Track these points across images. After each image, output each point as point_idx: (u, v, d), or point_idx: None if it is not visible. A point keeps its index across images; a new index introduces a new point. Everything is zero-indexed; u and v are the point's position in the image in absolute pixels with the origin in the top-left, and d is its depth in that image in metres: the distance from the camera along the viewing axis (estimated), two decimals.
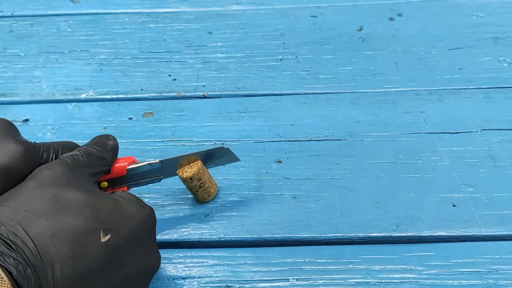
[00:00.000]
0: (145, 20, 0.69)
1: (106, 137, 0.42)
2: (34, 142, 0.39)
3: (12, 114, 0.57)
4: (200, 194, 0.47)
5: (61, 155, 0.39)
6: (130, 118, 0.56)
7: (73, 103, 0.58)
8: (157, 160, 0.44)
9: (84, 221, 0.34)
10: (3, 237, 0.31)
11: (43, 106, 0.58)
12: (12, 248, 0.31)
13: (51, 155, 0.39)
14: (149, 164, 0.44)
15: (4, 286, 0.30)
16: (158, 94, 0.59)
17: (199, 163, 0.45)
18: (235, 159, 0.46)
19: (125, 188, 0.44)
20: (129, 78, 0.61)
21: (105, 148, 0.41)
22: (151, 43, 0.65)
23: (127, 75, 0.61)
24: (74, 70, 0.62)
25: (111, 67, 0.62)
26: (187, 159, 0.45)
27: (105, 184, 0.43)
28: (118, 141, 0.44)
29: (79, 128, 0.55)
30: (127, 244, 0.36)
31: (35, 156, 0.38)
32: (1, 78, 0.62)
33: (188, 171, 0.45)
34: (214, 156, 0.46)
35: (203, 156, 0.45)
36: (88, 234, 0.34)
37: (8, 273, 0.30)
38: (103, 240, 0.34)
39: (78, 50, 0.65)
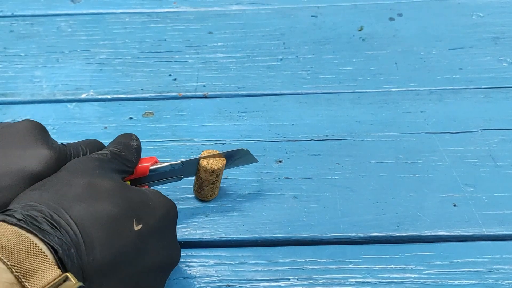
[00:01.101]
0: (146, 20, 0.69)
1: (130, 137, 0.43)
2: (63, 144, 0.39)
3: (13, 114, 0.57)
4: (206, 191, 0.47)
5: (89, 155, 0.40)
6: (131, 118, 0.57)
7: (74, 103, 0.58)
8: (178, 161, 0.45)
9: (120, 209, 0.34)
10: (46, 217, 0.31)
11: (44, 106, 0.58)
12: (56, 228, 0.31)
13: (80, 156, 0.40)
14: (171, 164, 0.44)
15: (48, 264, 0.30)
16: (159, 94, 0.59)
17: (224, 161, 0.45)
18: (253, 160, 0.47)
19: (146, 186, 0.44)
20: (129, 78, 0.61)
21: (130, 150, 0.41)
22: (152, 43, 0.65)
23: (127, 75, 0.61)
24: (74, 70, 0.62)
25: (111, 67, 0.62)
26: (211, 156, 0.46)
27: (128, 183, 0.43)
28: None
29: (80, 128, 0.55)
30: (154, 235, 0.36)
31: (67, 160, 0.38)
32: (2, 78, 0.62)
33: (213, 163, 0.45)
34: (234, 157, 0.46)
35: (224, 156, 0.46)
36: (123, 221, 0.34)
37: (54, 251, 0.30)
38: (136, 228, 0.35)
39: (78, 50, 0.65)
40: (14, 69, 0.63)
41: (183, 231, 0.46)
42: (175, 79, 0.61)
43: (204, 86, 0.60)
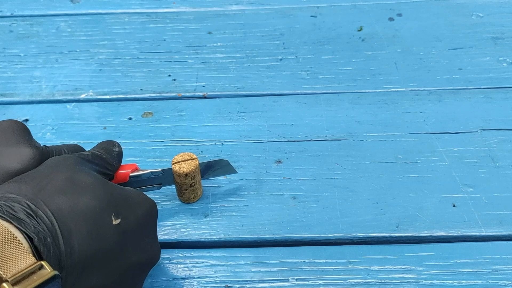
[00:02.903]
0: (145, 20, 0.69)
1: (112, 143, 0.43)
2: (45, 146, 0.39)
3: (12, 114, 0.57)
4: (187, 194, 0.47)
5: None
6: (130, 118, 0.56)
7: (73, 103, 0.58)
8: (159, 169, 0.45)
9: (99, 202, 0.34)
10: (23, 207, 0.32)
11: (43, 106, 0.58)
12: (33, 217, 0.31)
13: None
14: (151, 172, 0.45)
15: (23, 252, 0.30)
16: (158, 94, 0.59)
17: (196, 162, 0.46)
18: (232, 171, 0.48)
19: None
20: (128, 78, 0.61)
21: (112, 154, 0.42)
22: (151, 43, 0.65)
23: (126, 75, 0.61)
24: (73, 70, 0.62)
25: (111, 67, 0.62)
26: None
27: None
28: (118, 141, 0.44)
29: (79, 128, 0.55)
30: (133, 231, 0.36)
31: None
32: (1, 78, 0.62)
33: (185, 166, 0.45)
34: (213, 168, 0.47)
35: (203, 167, 0.47)
36: (102, 214, 0.34)
37: (30, 240, 0.30)
38: (114, 222, 0.35)
39: (78, 50, 0.65)
40: (14, 69, 0.63)
41: (182, 232, 0.46)
42: (174, 79, 0.61)
43: (203, 86, 0.60)
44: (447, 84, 0.59)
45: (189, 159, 0.46)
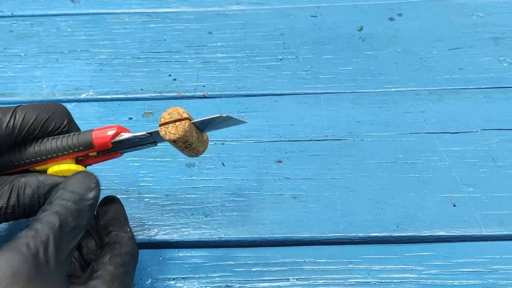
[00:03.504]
0: (145, 20, 0.69)
1: (87, 185, 0.36)
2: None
3: None
4: (186, 153, 0.42)
5: (24, 195, 0.37)
6: (130, 118, 0.57)
7: (73, 103, 0.58)
8: (144, 132, 0.41)
9: None
10: None
11: None
12: None
13: (8, 191, 0.37)
14: (136, 136, 0.40)
15: None
16: (158, 94, 0.59)
17: (186, 124, 0.38)
18: (239, 122, 0.40)
19: (119, 154, 0.42)
20: (129, 78, 0.61)
21: (82, 206, 0.35)
22: (151, 43, 0.65)
23: (127, 75, 0.61)
24: (74, 70, 0.62)
25: (111, 67, 0.62)
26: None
27: (93, 153, 0.41)
28: None
29: (80, 128, 0.55)
30: None
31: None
32: (1, 78, 0.62)
33: (172, 132, 0.38)
34: (211, 124, 0.41)
35: (197, 125, 0.40)
36: None
37: None
38: None
39: (78, 50, 0.65)
40: (14, 69, 0.63)
41: (183, 231, 0.46)
42: (174, 79, 0.61)
43: (203, 86, 0.60)
44: (448, 84, 0.59)
45: (178, 120, 0.39)
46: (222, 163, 0.51)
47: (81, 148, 0.40)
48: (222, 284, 0.43)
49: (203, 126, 0.40)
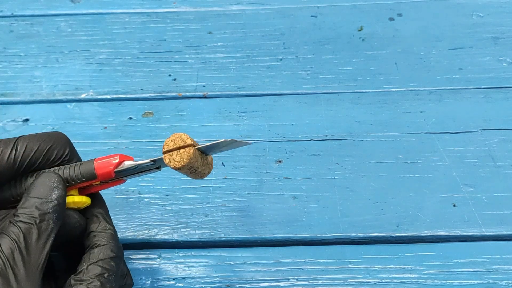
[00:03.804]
0: (145, 20, 0.69)
1: (49, 186, 0.36)
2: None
3: (12, 114, 0.57)
4: (191, 177, 0.40)
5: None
6: (130, 118, 0.57)
7: (73, 103, 0.58)
8: (147, 160, 0.40)
9: None
10: None
11: (43, 106, 0.58)
12: None
13: None
14: (139, 165, 0.40)
15: None
16: (158, 94, 0.59)
17: (190, 151, 0.38)
18: (243, 144, 0.40)
19: (122, 180, 0.41)
20: (129, 78, 0.61)
21: (45, 209, 0.35)
22: (151, 43, 0.65)
23: (127, 75, 0.61)
24: (74, 70, 0.62)
25: (111, 67, 0.62)
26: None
27: (97, 182, 0.40)
28: (119, 141, 0.43)
29: (79, 128, 0.55)
30: None
31: None
32: (1, 78, 0.62)
33: (176, 159, 0.38)
34: (218, 147, 0.40)
35: (202, 150, 0.39)
36: None
37: None
38: None
39: (78, 50, 0.65)
40: (14, 69, 0.63)
41: (183, 231, 0.46)
42: (174, 79, 0.61)
43: (203, 86, 0.60)
44: (448, 84, 0.59)
45: (182, 147, 0.38)
46: (222, 163, 0.51)
47: (83, 179, 0.39)
48: (222, 283, 0.43)
49: (207, 151, 0.40)
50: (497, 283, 0.42)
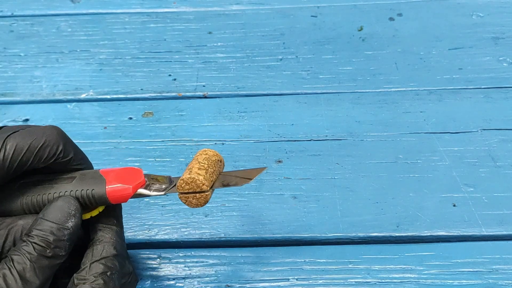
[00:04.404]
0: (145, 20, 0.69)
1: (67, 213, 0.35)
2: None
3: (12, 114, 0.57)
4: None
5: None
6: (130, 118, 0.57)
7: (73, 103, 0.58)
8: (162, 193, 0.38)
9: None
10: None
11: (43, 106, 0.58)
12: None
13: None
14: (152, 196, 0.39)
15: None
16: (158, 94, 0.59)
17: (208, 197, 0.38)
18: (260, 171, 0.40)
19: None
20: (129, 78, 0.61)
21: (61, 236, 0.34)
22: (151, 43, 0.65)
23: (127, 75, 0.61)
24: (74, 70, 0.62)
25: (111, 67, 0.62)
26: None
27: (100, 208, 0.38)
28: (119, 141, 0.43)
29: (80, 128, 0.55)
30: None
31: None
32: (1, 78, 0.62)
33: (193, 202, 0.38)
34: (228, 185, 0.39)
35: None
36: None
37: None
38: None
39: (78, 50, 0.65)
40: (14, 69, 0.63)
41: (183, 231, 0.46)
42: (174, 79, 0.61)
43: (203, 86, 0.60)
44: (447, 84, 0.59)
45: (198, 192, 0.37)
46: None
47: (96, 204, 0.37)
48: (222, 283, 0.43)
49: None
50: (497, 283, 0.42)
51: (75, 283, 0.35)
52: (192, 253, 0.45)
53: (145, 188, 0.38)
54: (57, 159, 0.37)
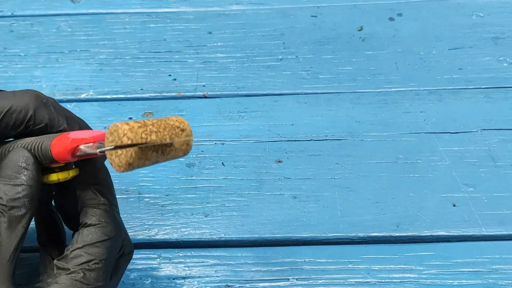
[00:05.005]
0: (145, 20, 0.69)
1: (17, 166, 0.31)
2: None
3: None
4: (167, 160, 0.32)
5: None
6: (130, 118, 0.57)
7: (73, 103, 0.58)
8: (97, 150, 0.30)
9: None
10: None
11: None
12: None
13: None
14: (89, 153, 0.31)
15: None
16: (158, 94, 0.59)
17: (128, 154, 0.28)
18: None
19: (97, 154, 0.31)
20: (129, 78, 0.61)
21: (14, 194, 0.31)
22: (151, 43, 0.65)
23: (127, 75, 0.61)
24: (74, 70, 0.62)
25: (111, 67, 0.62)
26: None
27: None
28: None
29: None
30: None
31: None
32: (1, 78, 0.62)
33: (116, 163, 0.28)
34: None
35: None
36: None
37: None
38: None
39: (78, 50, 0.65)
40: (14, 69, 0.63)
41: (183, 231, 0.46)
42: (174, 79, 0.61)
43: (203, 86, 0.60)
44: (447, 84, 0.59)
45: (120, 146, 0.28)
46: (222, 163, 0.52)
47: (47, 162, 0.32)
48: (222, 283, 0.43)
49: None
50: (497, 283, 0.42)
51: (55, 272, 0.31)
52: (192, 253, 0.45)
53: (88, 146, 0.30)
54: (27, 126, 0.33)
